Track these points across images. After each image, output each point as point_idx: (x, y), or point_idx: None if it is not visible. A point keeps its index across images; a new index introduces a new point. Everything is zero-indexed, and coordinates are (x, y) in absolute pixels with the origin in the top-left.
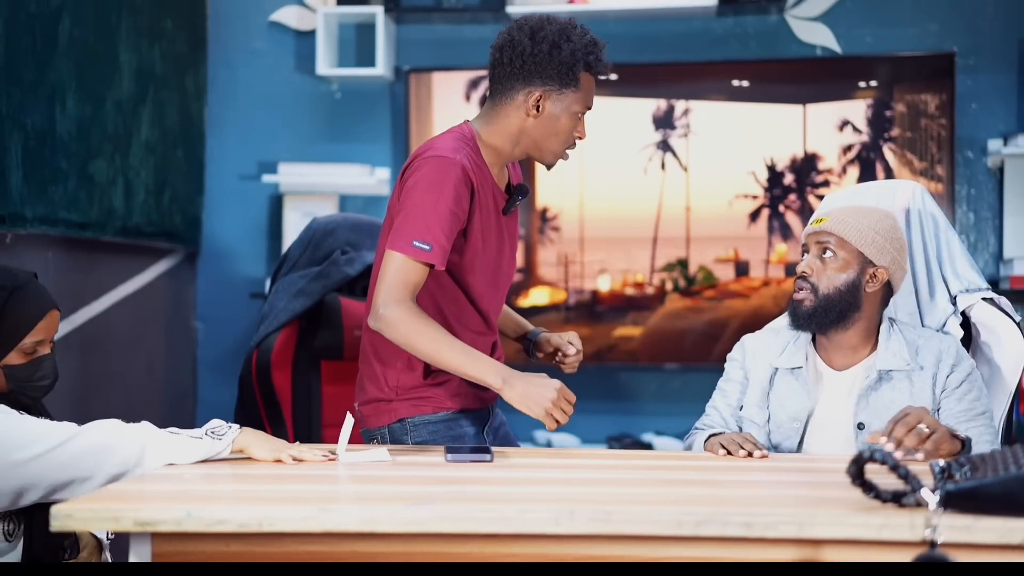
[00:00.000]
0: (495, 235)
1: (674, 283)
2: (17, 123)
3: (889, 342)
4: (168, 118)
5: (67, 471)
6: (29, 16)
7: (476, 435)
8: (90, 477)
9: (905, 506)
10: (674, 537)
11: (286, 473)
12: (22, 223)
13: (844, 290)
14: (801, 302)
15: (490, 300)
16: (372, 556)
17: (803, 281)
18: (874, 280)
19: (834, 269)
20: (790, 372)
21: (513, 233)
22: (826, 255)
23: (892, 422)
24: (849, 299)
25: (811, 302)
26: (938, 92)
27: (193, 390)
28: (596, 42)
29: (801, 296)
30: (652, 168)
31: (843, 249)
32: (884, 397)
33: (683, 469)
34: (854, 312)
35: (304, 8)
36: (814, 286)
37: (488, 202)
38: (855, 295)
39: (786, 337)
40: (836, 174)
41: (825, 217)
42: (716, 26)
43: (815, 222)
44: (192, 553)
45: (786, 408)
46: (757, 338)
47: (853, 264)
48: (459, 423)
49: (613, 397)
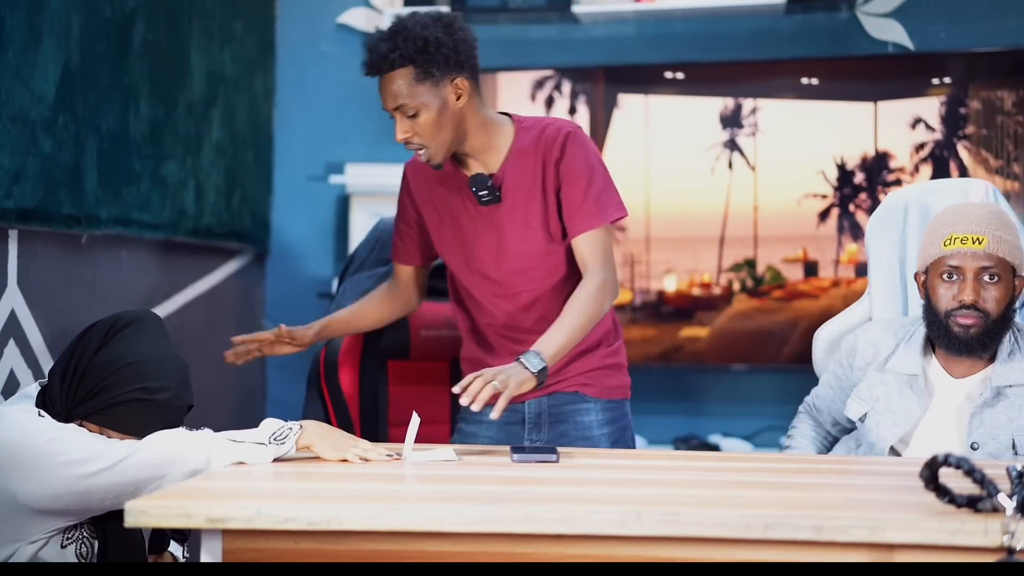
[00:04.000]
0: (470, 225)
1: (741, 283)
2: (92, 126)
3: (1011, 355)
4: (238, 120)
5: (133, 485)
6: (104, 21)
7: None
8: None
9: (981, 511)
10: (743, 540)
11: (352, 472)
12: (97, 224)
13: (1006, 312)
14: (969, 328)
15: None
16: (438, 556)
17: (973, 310)
18: (1019, 291)
19: (1000, 293)
20: (904, 378)
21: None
22: (992, 280)
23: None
24: (1011, 316)
25: (981, 328)
26: (1015, 88)
27: (262, 389)
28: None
29: (970, 322)
30: (719, 167)
31: (1005, 269)
32: (1001, 415)
33: (751, 471)
34: (1009, 327)
35: (371, 10)
36: (985, 312)
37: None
38: (1013, 310)
39: (897, 335)
40: (908, 172)
41: (984, 237)
42: (785, 23)
43: (968, 242)
44: (261, 550)
45: (894, 413)
46: (867, 331)
47: (1010, 282)
48: None
49: (679, 398)
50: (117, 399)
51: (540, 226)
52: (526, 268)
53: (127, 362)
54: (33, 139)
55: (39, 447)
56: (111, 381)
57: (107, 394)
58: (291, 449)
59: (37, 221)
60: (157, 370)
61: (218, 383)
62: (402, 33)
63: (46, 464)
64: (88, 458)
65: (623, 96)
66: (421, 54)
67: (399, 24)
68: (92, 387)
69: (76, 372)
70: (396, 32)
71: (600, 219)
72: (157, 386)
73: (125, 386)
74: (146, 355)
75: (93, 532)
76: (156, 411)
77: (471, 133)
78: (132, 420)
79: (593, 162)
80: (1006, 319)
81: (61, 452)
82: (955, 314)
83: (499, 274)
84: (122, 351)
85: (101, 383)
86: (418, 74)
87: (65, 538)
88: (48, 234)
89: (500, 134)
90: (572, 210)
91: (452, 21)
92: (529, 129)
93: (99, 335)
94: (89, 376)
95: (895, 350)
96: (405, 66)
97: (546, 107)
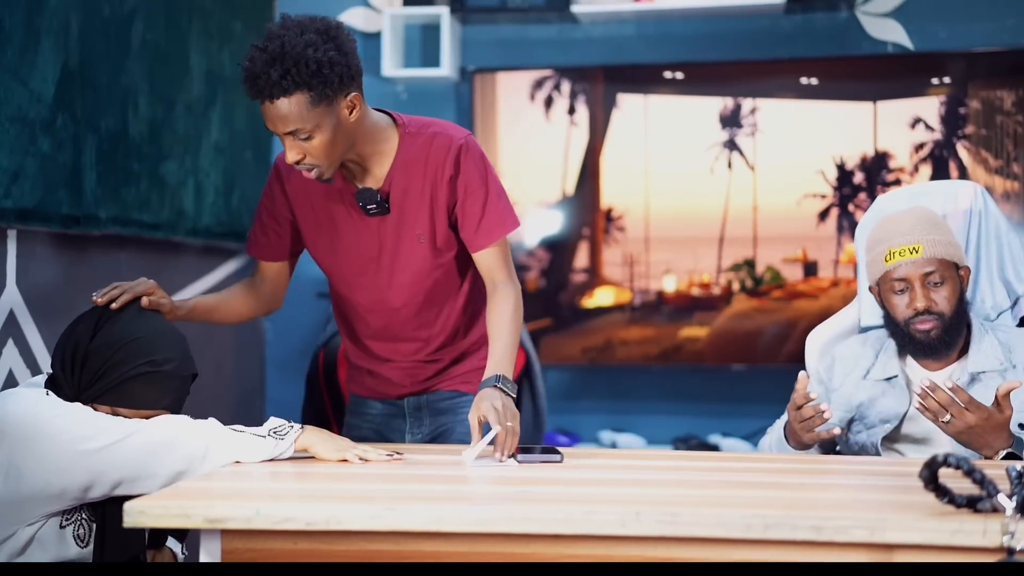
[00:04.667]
0: (352, 234)
1: (741, 283)
2: (91, 126)
3: (981, 343)
4: (237, 120)
5: (132, 465)
6: (103, 21)
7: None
8: (154, 473)
9: (980, 511)
10: (742, 540)
11: (351, 472)
12: (96, 224)
13: (959, 306)
14: (929, 331)
15: (367, 298)
16: (438, 556)
17: (928, 314)
18: (965, 281)
19: (948, 292)
20: (884, 382)
21: (389, 235)
22: (939, 283)
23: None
24: (964, 310)
25: (940, 328)
26: (1014, 88)
27: (261, 389)
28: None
29: (928, 326)
30: (719, 167)
31: (947, 269)
32: (978, 396)
33: (750, 471)
34: (964, 321)
35: (370, 9)
36: (940, 314)
37: (328, 200)
38: (966, 302)
39: (875, 346)
40: (908, 172)
41: (919, 245)
42: (784, 23)
43: (906, 253)
44: (260, 550)
45: (880, 412)
46: (847, 346)
47: (955, 277)
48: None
49: (679, 398)
50: (125, 376)
51: (428, 239)
52: (411, 281)
53: (129, 339)
54: (32, 139)
55: (46, 423)
56: (116, 359)
57: (114, 373)
58: (289, 447)
59: (36, 221)
60: (160, 343)
61: (218, 383)
62: (291, 56)
63: (53, 439)
64: (93, 434)
65: (622, 96)
66: (316, 78)
67: (283, 45)
68: (98, 369)
69: (76, 358)
70: (284, 55)
71: (501, 232)
72: (162, 358)
73: (131, 362)
74: (145, 331)
75: (92, 516)
76: (165, 382)
77: (358, 142)
78: (143, 394)
79: (487, 174)
80: (961, 313)
81: (67, 428)
82: (913, 322)
83: (382, 284)
84: (120, 331)
85: (106, 363)
86: (313, 98)
87: (64, 519)
88: (47, 234)
89: (385, 139)
90: (472, 226)
91: (338, 33)
92: (415, 136)
93: (91, 321)
94: (92, 359)
95: (875, 361)
96: (299, 92)
97: (545, 107)
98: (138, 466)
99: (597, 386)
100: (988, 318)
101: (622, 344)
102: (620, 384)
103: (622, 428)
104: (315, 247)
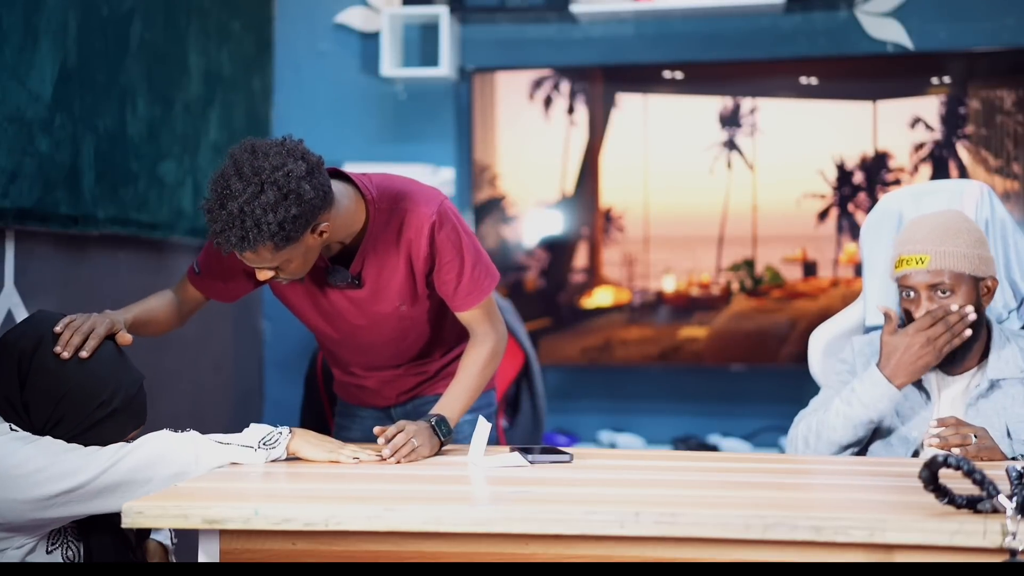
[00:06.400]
0: (326, 301)
1: (740, 283)
2: (89, 125)
3: (1002, 351)
4: (236, 119)
5: (122, 488)
6: (101, 20)
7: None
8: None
9: (980, 512)
10: (742, 540)
11: (350, 472)
12: (94, 224)
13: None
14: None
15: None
16: (437, 556)
17: None
18: (988, 293)
19: (960, 302)
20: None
21: (365, 301)
22: (945, 295)
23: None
24: (979, 321)
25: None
26: (1014, 88)
27: (260, 389)
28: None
29: None
30: (718, 167)
31: (958, 280)
32: (996, 404)
33: (750, 471)
34: (982, 328)
35: (369, 9)
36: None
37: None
38: (981, 314)
39: None
40: (908, 172)
41: (925, 256)
42: (784, 23)
43: (914, 262)
44: (259, 551)
45: (901, 415)
46: (867, 341)
47: (971, 289)
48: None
49: (678, 398)
50: (83, 426)
51: (408, 298)
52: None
53: (62, 394)
54: (30, 139)
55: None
56: (60, 415)
57: (67, 425)
58: (282, 455)
59: (34, 221)
60: (94, 382)
61: (216, 383)
62: (250, 218)
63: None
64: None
65: (622, 95)
66: (277, 236)
67: (241, 209)
68: (46, 420)
69: (15, 407)
70: (242, 219)
71: (478, 298)
72: (108, 395)
73: (78, 415)
74: (75, 374)
75: (78, 535)
76: (122, 415)
77: (332, 238)
78: (107, 435)
79: (461, 242)
80: (977, 324)
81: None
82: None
83: (359, 336)
84: (48, 384)
85: (52, 418)
86: (278, 245)
87: (50, 543)
88: (45, 234)
89: (355, 219)
90: (449, 293)
91: (299, 181)
92: (383, 211)
93: (12, 368)
94: (36, 410)
95: None
96: (261, 246)
97: (544, 107)
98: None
99: (596, 386)
100: (1000, 318)
101: (621, 344)
102: (619, 384)
103: (621, 428)
104: (292, 307)
